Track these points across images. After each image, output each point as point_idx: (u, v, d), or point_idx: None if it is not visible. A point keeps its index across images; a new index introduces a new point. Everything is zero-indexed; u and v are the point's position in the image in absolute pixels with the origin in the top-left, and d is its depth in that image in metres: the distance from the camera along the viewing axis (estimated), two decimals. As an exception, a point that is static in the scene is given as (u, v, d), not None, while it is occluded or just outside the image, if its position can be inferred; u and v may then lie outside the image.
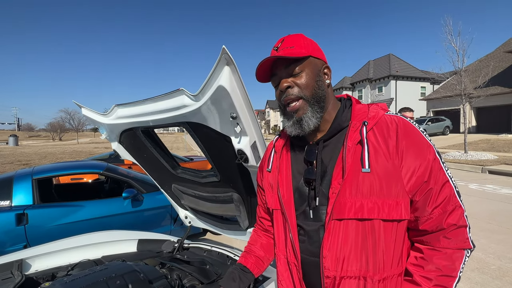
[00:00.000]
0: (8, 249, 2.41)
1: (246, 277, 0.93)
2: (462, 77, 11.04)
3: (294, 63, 0.73)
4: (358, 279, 0.69)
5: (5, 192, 2.66)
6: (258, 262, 0.97)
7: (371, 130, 0.71)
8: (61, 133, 47.36)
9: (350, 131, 0.73)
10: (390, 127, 0.71)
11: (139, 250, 1.94)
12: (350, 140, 0.72)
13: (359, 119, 0.74)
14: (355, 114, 0.76)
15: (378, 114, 0.74)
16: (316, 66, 0.75)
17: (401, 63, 30.20)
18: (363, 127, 0.71)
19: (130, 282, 1.20)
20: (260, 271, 0.97)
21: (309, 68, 0.74)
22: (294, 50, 0.72)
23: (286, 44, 0.74)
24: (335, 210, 0.70)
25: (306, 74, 0.73)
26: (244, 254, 0.99)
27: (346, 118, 0.77)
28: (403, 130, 0.70)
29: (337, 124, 0.77)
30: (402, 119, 0.73)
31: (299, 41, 0.74)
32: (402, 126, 0.71)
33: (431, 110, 23.38)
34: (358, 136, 0.71)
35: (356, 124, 0.73)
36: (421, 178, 0.67)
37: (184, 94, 1.12)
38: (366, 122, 0.72)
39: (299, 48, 0.73)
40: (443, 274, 0.68)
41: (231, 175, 1.39)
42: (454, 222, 0.68)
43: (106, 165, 3.41)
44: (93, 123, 1.72)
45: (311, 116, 0.74)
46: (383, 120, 0.72)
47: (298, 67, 0.73)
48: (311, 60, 0.74)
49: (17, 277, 1.36)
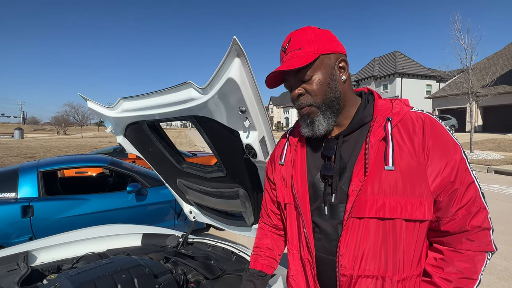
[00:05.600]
0: (14, 240, 2.43)
1: (263, 282, 0.93)
2: (469, 75, 10.86)
3: (303, 70, 0.70)
4: (376, 278, 0.67)
5: (11, 184, 2.68)
6: (271, 261, 0.96)
7: (395, 126, 0.68)
8: (66, 127, 47.73)
9: (374, 127, 0.70)
10: (415, 124, 0.68)
11: (144, 244, 1.94)
12: (373, 136, 0.69)
13: (383, 115, 0.71)
14: (378, 109, 0.73)
15: (403, 110, 0.71)
16: (329, 64, 0.71)
17: (407, 60, 29.83)
18: (388, 123, 0.69)
19: (135, 276, 1.20)
20: (274, 268, 0.96)
21: (320, 70, 0.70)
22: (301, 53, 0.69)
23: (293, 45, 0.70)
24: (355, 208, 0.67)
25: (317, 78, 0.70)
26: (255, 257, 0.97)
27: (368, 113, 0.74)
28: (429, 128, 0.67)
29: (358, 119, 0.74)
30: (428, 116, 0.70)
31: (306, 38, 0.70)
32: (428, 124, 0.68)
33: (437, 108, 23.12)
34: (382, 132, 0.68)
35: (380, 120, 0.70)
36: (447, 179, 0.65)
37: (191, 87, 1.09)
38: (391, 118, 0.69)
39: (307, 47, 0.69)
40: (464, 276, 0.66)
41: (237, 171, 1.37)
42: (478, 224, 0.65)
43: (111, 159, 3.42)
44: (99, 116, 1.71)
45: (322, 121, 0.72)
46: (408, 117, 0.69)
47: (308, 73, 0.70)
48: (322, 59, 0.70)
49: (23, 269, 1.37)
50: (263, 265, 0.94)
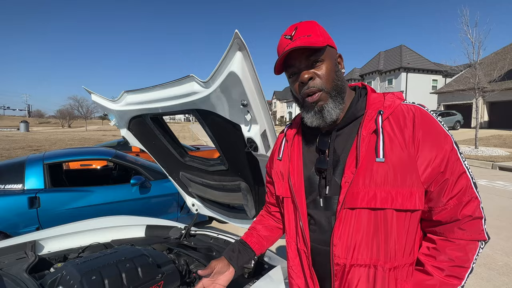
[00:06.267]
0: (22, 230, 2.50)
1: (246, 252, 0.94)
2: (476, 70, 10.67)
3: (315, 54, 0.70)
4: (369, 267, 0.69)
5: (18, 176, 2.73)
6: (260, 240, 0.97)
7: (386, 119, 0.70)
8: (70, 120, 48.07)
9: (365, 120, 0.71)
10: (406, 116, 0.69)
11: (147, 235, 1.98)
12: (364, 129, 0.70)
13: (374, 108, 0.72)
14: (371, 103, 0.74)
15: (394, 103, 0.71)
16: (333, 55, 0.73)
17: (413, 54, 29.35)
18: (379, 116, 0.70)
19: (139, 265, 1.23)
20: (261, 250, 0.98)
21: (328, 58, 0.71)
22: (312, 39, 0.68)
23: (302, 32, 0.70)
24: (347, 199, 0.69)
25: (326, 64, 0.71)
26: (247, 232, 1.01)
27: (361, 107, 0.75)
28: (420, 120, 0.68)
29: (351, 114, 0.75)
30: (419, 108, 0.71)
31: (314, 28, 0.71)
32: (419, 115, 0.69)
33: (442, 104, 22.82)
34: (373, 125, 0.69)
35: (371, 113, 0.72)
36: (437, 169, 0.66)
37: (194, 81, 1.10)
38: (382, 111, 0.70)
39: (316, 36, 0.69)
40: (455, 264, 0.67)
41: (239, 164, 1.38)
42: (469, 213, 0.66)
43: (115, 152, 3.46)
44: (102, 109, 1.73)
45: (333, 107, 0.72)
46: (399, 109, 0.70)
47: (320, 57, 0.70)
48: (329, 49, 0.71)
49: (31, 257, 1.41)
50: (250, 239, 0.97)
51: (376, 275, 0.69)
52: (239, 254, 0.93)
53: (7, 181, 2.69)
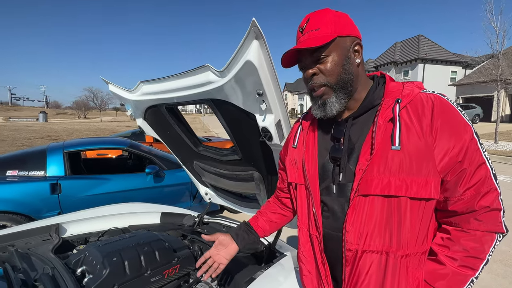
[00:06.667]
0: (44, 215, 2.63)
1: (250, 233, 1.02)
2: (499, 60, 10.14)
3: (319, 50, 0.70)
4: (381, 254, 0.70)
5: (40, 163, 2.87)
6: (264, 225, 1.04)
7: (404, 108, 0.69)
8: (86, 111, 49.43)
9: (382, 108, 0.71)
10: (425, 105, 0.68)
11: (162, 222, 2.05)
12: (381, 117, 0.70)
13: (392, 97, 0.72)
14: (389, 91, 0.74)
15: (413, 92, 0.71)
16: (345, 46, 0.72)
17: (432, 45, 28.11)
18: (396, 104, 0.69)
19: (156, 249, 1.28)
20: (264, 233, 1.04)
21: (335, 51, 0.71)
22: (319, 34, 0.69)
23: (311, 25, 0.71)
24: (361, 186, 0.70)
25: (332, 59, 0.71)
26: (254, 216, 1.07)
27: (378, 96, 0.75)
28: (439, 108, 0.67)
29: (368, 102, 0.75)
30: (439, 97, 0.70)
31: (325, 19, 0.70)
32: (438, 104, 0.67)
33: (461, 96, 21.94)
34: (390, 113, 0.69)
35: (388, 102, 0.71)
36: (454, 158, 0.65)
37: (209, 70, 1.11)
38: (400, 100, 0.70)
39: (325, 28, 0.70)
40: (469, 255, 0.67)
41: (252, 154, 1.40)
42: (487, 205, 0.65)
43: (130, 142, 3.56)
44: (119, 99, 1.77)
45: (334, 101, 0.73)
46: (418, 98, 0.69)
47: (324, 53, 0.71)
48: (338, 41, 0.70)
49: (55, 239, 1.49)
50: (255, 223, 1.04)
51: (388, 262, 0.70)
52: (244, 234, 1.00)
53: (31, 167, 2.83)
